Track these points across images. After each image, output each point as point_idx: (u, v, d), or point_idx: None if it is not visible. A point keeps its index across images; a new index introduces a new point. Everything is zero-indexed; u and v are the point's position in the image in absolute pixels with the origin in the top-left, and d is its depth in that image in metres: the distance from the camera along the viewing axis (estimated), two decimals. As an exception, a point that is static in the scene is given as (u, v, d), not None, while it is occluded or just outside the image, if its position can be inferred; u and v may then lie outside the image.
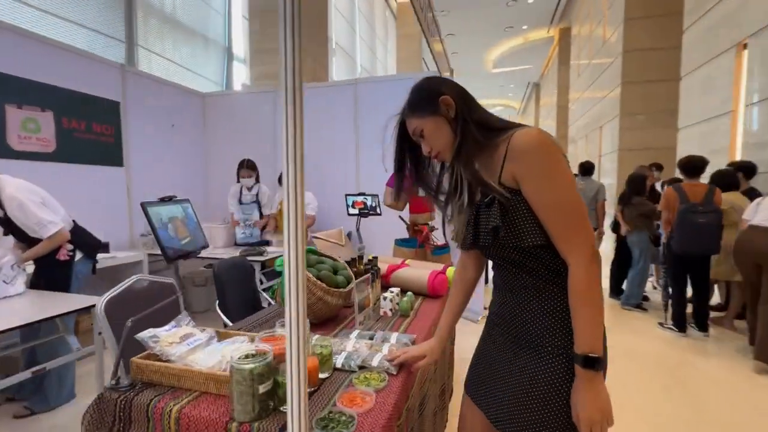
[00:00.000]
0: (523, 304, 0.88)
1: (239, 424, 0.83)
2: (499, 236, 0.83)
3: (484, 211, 0.87)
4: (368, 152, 3.88)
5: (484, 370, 0.99)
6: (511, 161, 0.82)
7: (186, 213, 2.41)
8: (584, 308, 0.78)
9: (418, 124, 0.94)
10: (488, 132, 0.88)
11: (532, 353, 0.86)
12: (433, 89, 0.92)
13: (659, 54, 7.41)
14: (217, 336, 1.17)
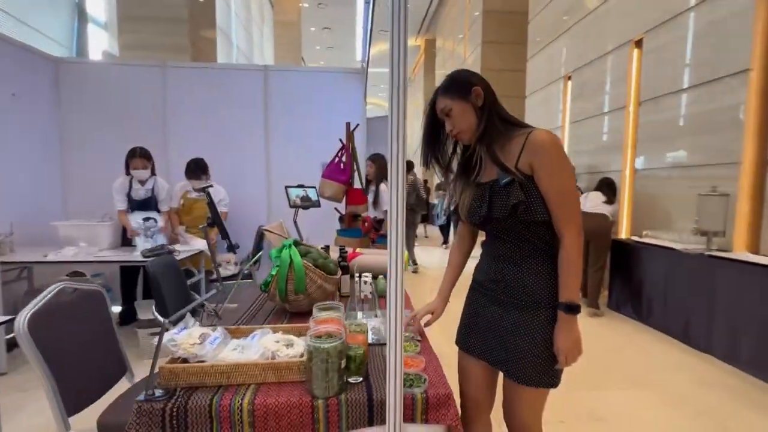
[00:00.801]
0: (523, 270, 1.10)
1: (325, 400, 0.89)
2: (518, 211, 1.03)
3: (500, 190, 1.04)
4: (280, 143, 3.77)
5: (478, 325, 1.19)
6: (530, 153, 1.00)
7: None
8: (571, 269, 1.04)
9: (447, 104, 1.09)
10: (508, 125, 1.08)
11: (525, 307, 1.08)
12: (468, 79, 1.10)
13: (510, 74, 9.11)
14: (228, 333, 1.13)
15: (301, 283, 1.38)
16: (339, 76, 3.80)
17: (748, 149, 2.99)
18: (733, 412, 2.10)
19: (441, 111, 1.12)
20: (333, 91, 3.78)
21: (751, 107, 2.95)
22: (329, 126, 3.76)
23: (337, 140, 3.73)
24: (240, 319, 1.44)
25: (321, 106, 3.77)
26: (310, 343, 0.90)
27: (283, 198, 3.68)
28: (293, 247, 1.43)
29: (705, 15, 3.24)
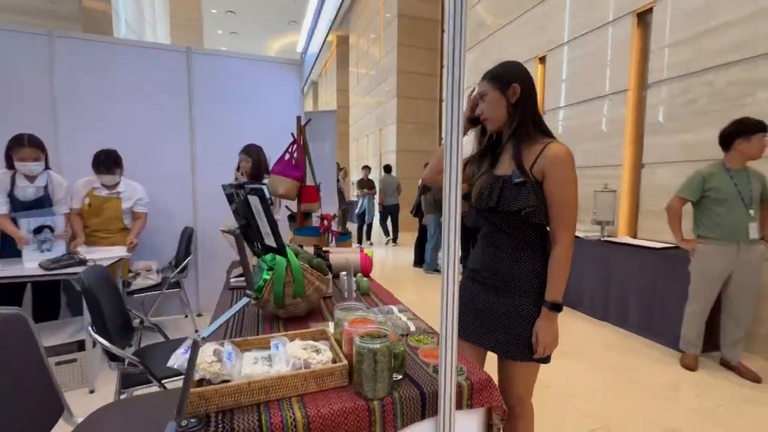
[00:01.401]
0: (518, 261, 1.19)
1: (380, 400, 0.87)
2: (525, 212, 1.12)
3: (512, 187, 1.13)
4: (208, 135, 3.41)
5: (472, 312, 1.29)
6: (545, 161, 1.11)
7: None
8: (560, 272, 1.13)
9: (486, 89, 1.19)
10: (536, 129, 1.18)
11: (518, 294, 1.19)
12: (513, 74, 1.17)
13: (424, 78, 9.63)
14: (238, 347, 1.03)
15: (300, 286, 1.30)
16: (274, 66, 3.58)
17: (627, 154, 3.71)
18: (634, 365, 2.61)
19: (479, 93, 1.22)
20: (268, 83, 3.55)
21: (629, 120, 3.66)
22: (264, 119, 3.53)
23: (274, 134, 3.54)
24: (228, 330, 1.29)
25: (255, 98, 3.51)
26: (360, 344, 0.88)
27: (212, 197, 3.36)
28: (288, 249, 1.34)
29: (593, 42, 3.90)
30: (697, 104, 3.02)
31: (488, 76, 1.21)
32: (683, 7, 3.09)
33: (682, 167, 3.12)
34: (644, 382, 2.38)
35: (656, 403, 2.14)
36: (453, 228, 0.87)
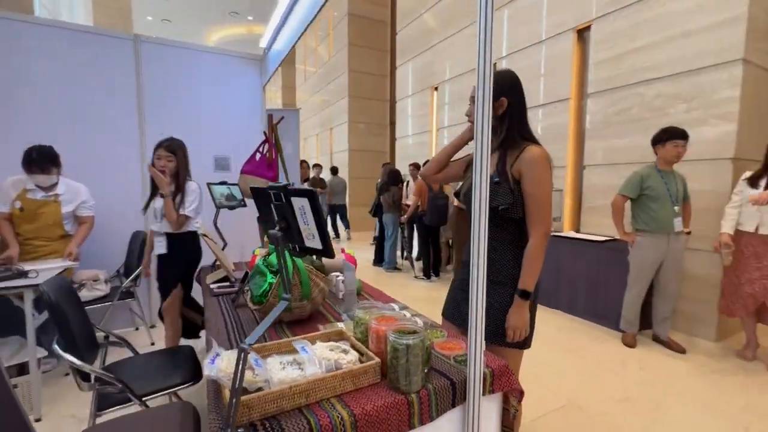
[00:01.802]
0: (499, 253, 1.29)
1: (417, 393, 0.90)
2: (502, 209, 1.23)
3: (491, 187, 1.21)
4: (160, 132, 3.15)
5: (462, 300, 1.38)
6: (522, 163, 1.23)
7: None
8: (532, 263, 1.22)
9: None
10: (522, 137, 1.29)
11: (501, 284, 1.28)
12: (503, 88, 1.26)
13: (375, 78, 9.70)
14: (258, 351, 1.00)
15: (307, 287, 1.29)
16: (232, 60, 3.41)
17: (570, 156, 4.09)
18: (583, 345, 2.91)
19: (471, 96, 1.31)
20: (226, 77, 3.37)
21: (570, 126, 4.05)
22: (222, 116, 3.35)
23: (233, 132, 3.39)
24: (229, 339, 1.24)
25: (211, 93, 3.31)
26: (396, 341, 0.90)
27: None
28: (292, 251, 1.31)
29: (541, 52, 4.25)
30: (628, 113, 3.44)
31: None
32: (615, 28, 3.49)
33: (617, 169, 3.53)
34: (594, 359, 2.67)
35: (607, 377, 2.41)
36: (481, 228, 0.93)
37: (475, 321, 0.94)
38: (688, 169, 2.86)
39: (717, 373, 2.44)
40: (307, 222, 0.79)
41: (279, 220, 0.82)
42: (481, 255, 0.93)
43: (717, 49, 2.83)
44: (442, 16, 5.84)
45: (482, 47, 0.89)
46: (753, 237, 2.38)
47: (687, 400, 2.15)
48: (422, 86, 6.43)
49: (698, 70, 2.94)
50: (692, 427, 1.92)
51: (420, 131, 6.56)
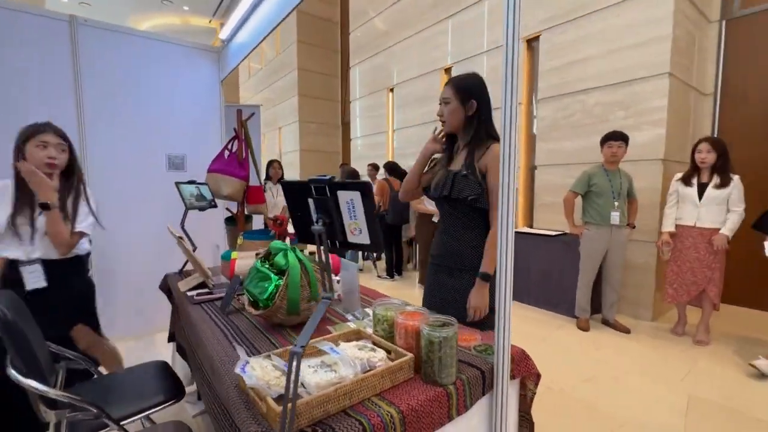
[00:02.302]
0: (464, 242, 1.41)
1: (454, 384, 0.91)
2: (471, 199, 1.34)
3: (460, 179, 1.36)
4: (101, 128, 2.82)
5: (437, 289, 1.48)
6: (488, 158, 1.34)
7: None
8: (493, 248, 1.31)
9: (449, 97, 1.39)
10: (488, 135, 1.41)
11: (466, 273, 1.40)
12: (473, 90, 1.37)
13: (325, 78, 9.55)
14: (280, 355, 0.95)
15: (315, 288, 1.24)
16: (188, 51, 3.16)
17: (522, 157, 4.38)
18: (542, 332, 3.13)
19: (442, 97, 1.40)
20: (178, 69, 3.12)
21: (522, 129, 4.33)
22: (176, 111, 3.10)
23: (189, 129, 3.14)
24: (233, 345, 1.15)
25: (163, 86, 3.04)
26: (431, 334, 0.91)
27: (112, 202, 2.81)
28: (298, 251, 1.25)
29: (492, 58, 4.50)
30: (573, 118, 3.77)
31: (453, 85, 1.39)
32: (562, 40, 3.81)
33: (565, 169, 3.85)
34: (555, 344, 2.89)
35: (570, 360, 2.63)
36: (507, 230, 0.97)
37: (503, 312, 0.98)
38: (629, 169, 3.20)
39: (659, 348, 2.76)
40: (356, 216, 0.77)
41: (320, 215, 0.78)
42: (509, 250, 0.97)
43: (648, 63, 3.21)
44: (396, 19, 5.93)
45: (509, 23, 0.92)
46: (692, 230, 2.74)
47: (640, 373, 2.41)
48: (377, 87, 6.48)
49: (632, 81, 3.31)
50: (649, 396, 2.15)
51: (376, 132, 6.60)
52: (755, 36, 3.46)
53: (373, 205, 0.75)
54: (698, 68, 3.58)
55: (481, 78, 1.42)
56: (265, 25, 2.40)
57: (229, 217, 2.46)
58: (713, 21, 3.66)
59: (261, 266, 1.28)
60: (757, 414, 1.98)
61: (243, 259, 1.84)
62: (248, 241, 2.17)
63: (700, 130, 3.72)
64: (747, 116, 3.53)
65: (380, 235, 0.77)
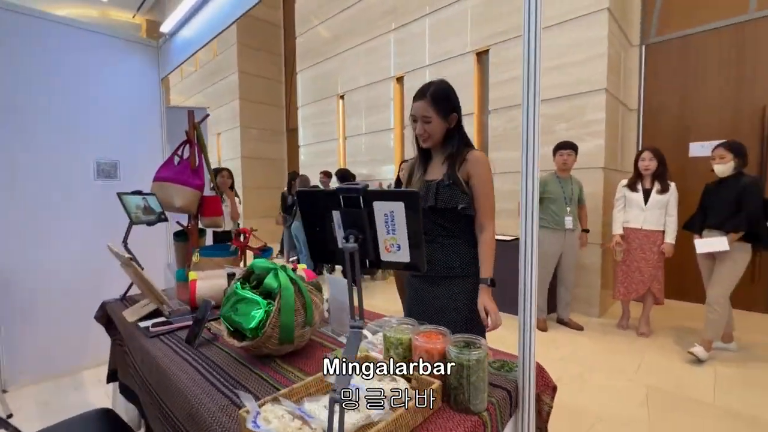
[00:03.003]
0: (451, 250, 1.37)
1: (486, 410, 0.84)
2: (460, 208, 1.31)
3: (444, 189, 1.32)
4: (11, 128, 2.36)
5: (423, 299, 1.42)
6: (469, 165, 1.32)
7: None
8: (491, 252, 1.33)
9: (430, 114, 1.32)
10: (465, 145, 1.39)
11: (453, 278, 1.36)
12: (453, 102, 1.35)
13: (270, 83, 9.14)
14: (287, 396, 0.81)
15: (311, 311, 1.09)
16: (119, 43, 2.78)
17: (474, 165, 4.52)
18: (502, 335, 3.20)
19: (418, 113, 1.33)
20: (111, 65, 2.73)
21: (474, 138, 4.48)
22: (107, 112, 2.70)
23: (122, 132, 2.76)
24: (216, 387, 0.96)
25: (89, 82, 2.63)
26: (461, 356, 0.83)
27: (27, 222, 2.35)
28: (289, 270, 1.10)
29: (446, 68, 4.61)
30: (523, 128, 3.98)
31: (432, 100, 1.31)
32: (507, 55, 4.02)
33: (517, 176, 4.03)
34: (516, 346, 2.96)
35: (537, 361, 2.70)
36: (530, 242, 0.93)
37: (528, 326, 0.93)
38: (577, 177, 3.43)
39: (610, 343, 2.96)
40: (395, 230, 0.66)
41: (350, 231, 0.67)
42: (533, 259, 0.92)
43: (587, 79, 3.50)
44: (344, 27, 5.87)
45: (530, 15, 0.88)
46: (639, 232, 2.99)
47: (599, 369, 2.55)
48: (326, 94, 6.33)
49: (574, 96, 3.58)
50: (612, 390, 2.28)
51: (326, 139, 6.44)
52: (670, 59, 3.95)
53: (419, 217, 0.65)
54: (624, 86, 3.99)
55: (450, 84, 1.38)
56: (219, 19, 2.17)
57: (179, 231, 2.17)
58: (635, 45, 4.12)
59: (242, 290, 1.10)
60: (705, 398, 2.18)
61: (206, 280, 1.61)
62: (206, 259, 1.93)
63: (628, 142, 4.14)
64: (665, 129, 3.99)
65: (424, 251, 0.67)
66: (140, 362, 1.28)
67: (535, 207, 0.93)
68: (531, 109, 0.91)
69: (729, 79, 3.66)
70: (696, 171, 3.72)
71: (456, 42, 4.47)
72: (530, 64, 0.90)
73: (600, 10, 3.41)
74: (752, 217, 2.50)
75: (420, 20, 4.83)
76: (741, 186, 2.55)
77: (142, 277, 1.40)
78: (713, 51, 3.73)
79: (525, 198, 0.93)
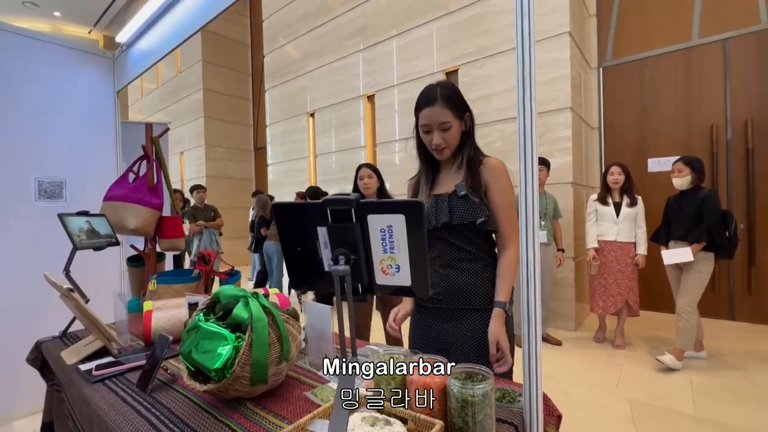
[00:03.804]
0: (471, 274, 1.15)
1: (497, 452, 0.73)
2: (479, 222, 1.12)
3: (458, 202, 1.14)
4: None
5: (432, 335, 1.21)
6: (486, 173, 1.16)
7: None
8: (512, 275, 1.13)
9: (449, 120, 1.13)
10: (478, 151, 1.22)
11: (476, 310, 1.15)
12: (464, 100, 1.18)
13: (236, 101, 8.92)
14: None
15: (287, 345, 0.95)
16: (68, 53, 2.56)
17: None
18: (489, 355, 3.13)
19: (435, 121, 1.14)
20: (56, 74, 2.50)
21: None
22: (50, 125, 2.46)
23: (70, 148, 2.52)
24: None
25: (30, 93, 2.39)
26: (466, 391, 0.72)
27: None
28: (261, 297, 0.96)
29: (417, 86, 4.65)
30: (495, 145, 4.04)
31: (446, 102, 1.14)
32: (478, 74, 4.12)
33: (489, 192, 4.06)
34: (503, 366, 2.89)
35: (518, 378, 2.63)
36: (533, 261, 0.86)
37: (533, 350, 0.84)
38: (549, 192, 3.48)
39: (588, 357, 2.95)
40: (393, 248, 0.56)
41: (339, 250, 0.56)
42: (536, 278, 0.85)
43: (555, 98, 3.62)
44: (312, 46, 5.85)
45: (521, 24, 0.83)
46: (613, 245, 3.04)
47: (582, 385, 2.51)
48: (295, 112, 6.23)
49: (544, 113, 3.69)
50: (598, 406, 2.23)
51: (296, 157, 6.29)
52: (626, 80, 4.18)
53: (423, 231, 0.55)
54: (586, 105, 4.17)
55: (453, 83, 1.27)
56: (179, 32, 2.04)
57: (133, 255, 1.96)
58: (593, 67, 4.34)
59: (205, 322, 0.95)
60: (686, 410, 2.18)
61: (163, 311, 1.43)
62: (163, 286, 1.73)
63: (592, 158, 4.30)
64: (625, 146, 4.19)
65: (428, 274, 0.57)
66: (79, 413, 1.08)
67: (536, 218, 0.86)
68: (528, 121, 0.85)
69: (681, 99, 3.91)
70: (656, 185, 3.90)
71: (425, 62, 4.54)
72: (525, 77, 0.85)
73: (562, 34, 3.57)
74: (712, 228, 2.60)
75: (388, 40, 4.88)
76: (700, 199, 2.67)
77: (84, 310, 1.20)
78: (666, 73, 3.99)
79: (526, 208, 0.85)
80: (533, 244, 0.86)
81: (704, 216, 2.63)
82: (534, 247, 0.86)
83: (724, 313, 3.68)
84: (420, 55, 4.59)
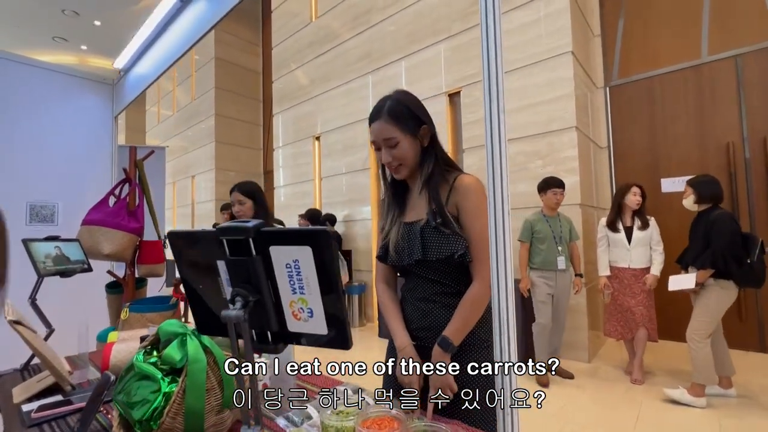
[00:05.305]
0: (451, 309, 1.01)
1: None
2: (458, 254, 0.98)
3: (431, 234, 1.01)
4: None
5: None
6: (457, 194, 1.01)
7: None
8: (471, 313, 0.98)
9: (395, 135, 1.01)
10: (448, 167, 1.07)
11: (475, 352, 1.00)
12: (418, 113, 1.04)
13: (248, 126, 9.13)
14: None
15: (230, 389, 0.84)
16: (68, 80, 2.62)
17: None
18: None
19: (381, 137, 1.03)
20: (55, 100, 2.55)
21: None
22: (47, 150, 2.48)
23: (66, 173, 2.53)
24: None
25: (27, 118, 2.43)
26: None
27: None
28: (199, 336, 0.86)
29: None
30: (498, 166, 3.93)
31: (390, 116, 1.02)
32: (478, 95, 4.07)
33: (494, 214, 3.92)
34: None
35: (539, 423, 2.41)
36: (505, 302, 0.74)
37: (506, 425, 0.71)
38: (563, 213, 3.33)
39: (603, 393, 2.71)
40: (303, 289, 0.46)
41: (238, 289, 0.46)
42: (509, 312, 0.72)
43: (558, 117, 3.52)
44: (320, 71, 5.95)
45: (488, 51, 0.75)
46: (626, 271, 2.86)
47: (593, 425, 2.28)
48: (302, 135, 6.28)
49: (548, 133, 3.58)
50: (612, 455, 2.00)
51: (301, 180, 6.30)
52: (634, 99, 4.06)
53: (335, 266, 0.44)
54: (593, 125, 4.05)
55: (411, 94, 1.08)
56: (170, 54, 2.05)
57: (111, 282, 1.89)
58: (599, 87, 4.24)
59: (142, 361, 0.85)
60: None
61: (124, 342, 1.33)
62: (135, 315, 1.64)
63: (602, 179, 4.14)
64: (636, 166, 4.02)
65: (346, 319, 0.46)
66: (13, 462, 0.97)
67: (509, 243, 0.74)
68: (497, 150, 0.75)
69: (693, 118, 3.76)
70: (671, 206, 3.69)
71: (430, 84, 4.53)
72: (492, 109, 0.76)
73: (564, 53, 3.50)
74: (717, 253, 2.39)
75: (396, 63, 4.91)
76: (710, 221, 2.48)
77: (31, 343, 1.11)
78: (676, 91, 3.86)
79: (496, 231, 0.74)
80: (506, 287, 0.73)
81: (711, 240, 2.44)
82: (507, 290, 0.74)
83: (754, 345, 3.37)
84: (425, 77, 4.59)
